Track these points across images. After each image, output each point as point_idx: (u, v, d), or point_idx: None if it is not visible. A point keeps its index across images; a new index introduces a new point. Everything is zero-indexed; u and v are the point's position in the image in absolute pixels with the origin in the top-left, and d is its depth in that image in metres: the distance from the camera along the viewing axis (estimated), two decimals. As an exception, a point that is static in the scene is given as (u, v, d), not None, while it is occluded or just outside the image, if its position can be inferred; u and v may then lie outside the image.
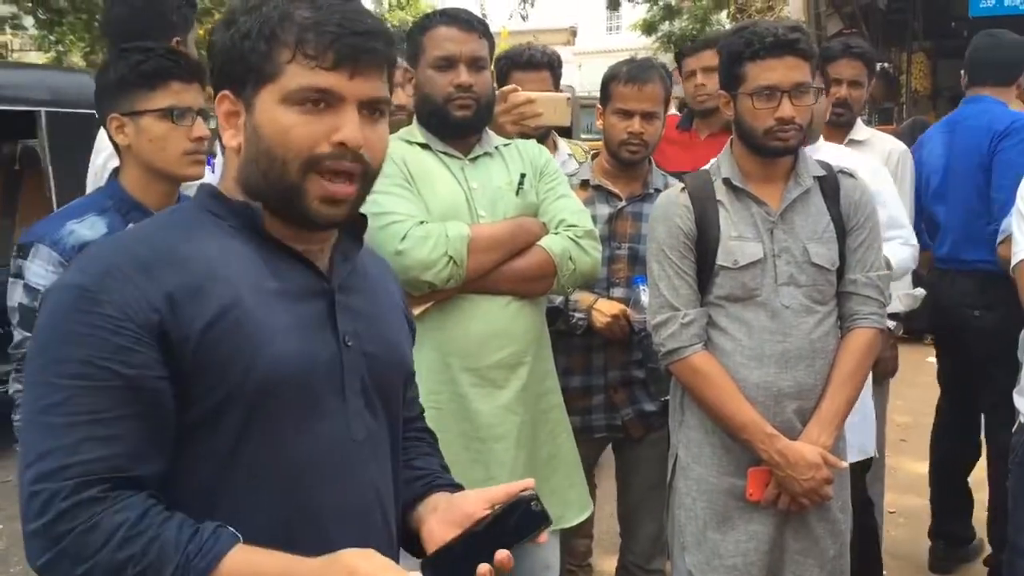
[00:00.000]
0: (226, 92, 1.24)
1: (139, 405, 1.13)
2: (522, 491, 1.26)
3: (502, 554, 1.21)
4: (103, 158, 2.63)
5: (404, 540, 1.40)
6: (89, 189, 2.59)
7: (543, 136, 3.14)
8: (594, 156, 3.07)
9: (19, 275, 2.07)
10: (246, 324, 1.18)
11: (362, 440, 1.30)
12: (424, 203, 2.31)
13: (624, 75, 2.76)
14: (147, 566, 1.08)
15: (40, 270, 2.04)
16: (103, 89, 2.14)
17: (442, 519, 1.33)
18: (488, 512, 1.26)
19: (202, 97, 2.12)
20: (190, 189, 1.99)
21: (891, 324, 3.08)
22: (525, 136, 2.62)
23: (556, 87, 3.35)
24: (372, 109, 1.24)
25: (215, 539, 1.11)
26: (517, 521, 1.25)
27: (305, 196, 1.21)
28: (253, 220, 1.25)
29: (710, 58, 3.63)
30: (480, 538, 1.23)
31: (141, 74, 2.07)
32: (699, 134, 3.63)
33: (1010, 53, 3.66)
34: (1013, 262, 2.52)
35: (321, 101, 1.20)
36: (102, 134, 2.57)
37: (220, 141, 1.31)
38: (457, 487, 1.44)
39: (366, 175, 1.25)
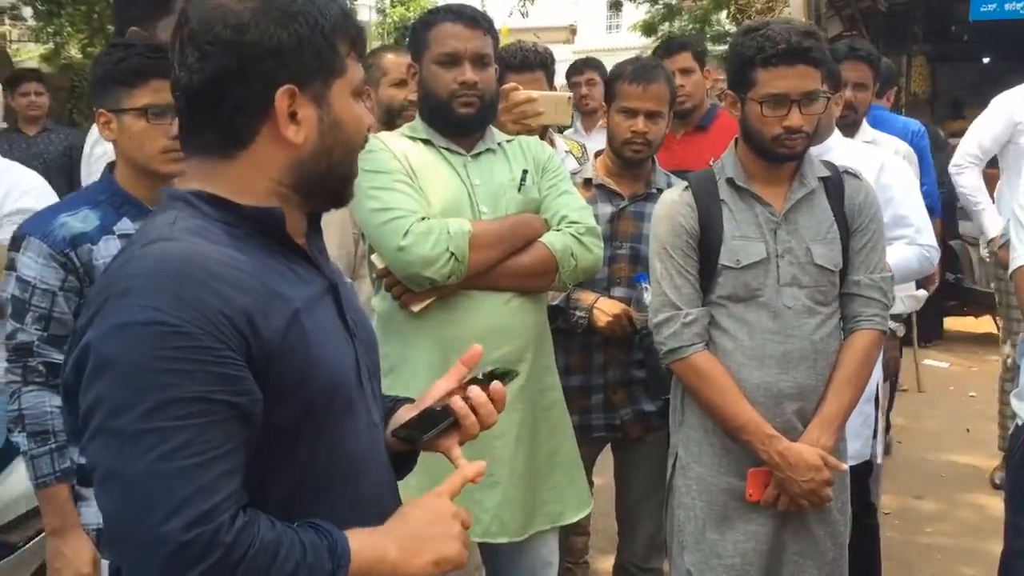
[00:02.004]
0: (290, 87, 1.19)
1: (247, 432, 1.12)
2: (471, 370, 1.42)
3: (496, 386, 1.37)
4: (89, 146, 2.62)
5: None
6: (83, 179, 2.60)
7: (540, 133, 3.14)
8: (597, 155, 3.07)
9: (12, 267, 2.08)
10: (305, 334, 1.19)
11: (379, 424, 1.36)
12: (426, 199, 2.30)
13: (629, 74, 2.76)
14: (310, 566, 1.12)
15: (31, 262, 2.04)
16: (93, 84, 2.17)
17: (410, 409, 1.43)
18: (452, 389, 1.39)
19: None
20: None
21: (893, 325, 3.08)
22: (527, 133, 2.62)
23: (550, 85, 3.35)
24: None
25: (338, 532, 1.17)
26: (484, 383, 1.38)
27: (352, 177, 1.30)
28: (276, 226, 1.23)
29: (685, 59, 3.64)
30: (446, 409, 1.36)
31: (121, 71, 2.08)
32: (675, 133, 3.63)
33: (888, 72, 4.75)
34: (1011, 268, 2.54)
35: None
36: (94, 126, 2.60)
37: (200, 144, 1.26)
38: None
39: None
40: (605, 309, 2.68)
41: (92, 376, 1.10)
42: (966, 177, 4.75)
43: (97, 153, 2.56)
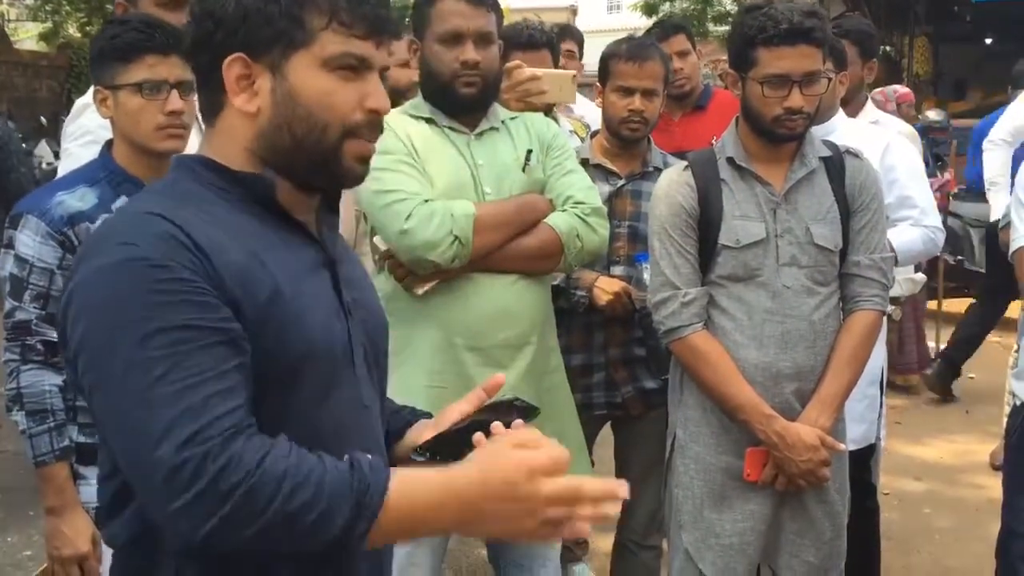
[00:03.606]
0: (239, 55, 1.21)
1: (239, 358, 1.12)
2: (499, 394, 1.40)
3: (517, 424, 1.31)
4: (66, 123, 2.61)
5: None
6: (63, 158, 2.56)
7: (545, 112, 3.12)
8: (593, 135, 3.06)
9: (10, 245, 2.08)
10: (286, 301, 1.19)
11: (369, 405, 1.34)
12: (429, 179, 2.29)
13: (624, 53, 2.76)
14: (322, 511, 1.05)
15: (28, 240, 2.04)
16: (91, 61, 2.16)
17: (428, 428, 1.40)
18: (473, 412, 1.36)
19: (183, 68, 2.10)
20: None
21: (889, 308, 3.07)
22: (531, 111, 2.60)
23: (556, 65, 3.33)
24: (381, 77, 1.28)
25: (376, 472, 1.09)
26: (505, 413, 1.35)
27: (342, 157, 1.24)
28: (265, 192, 1.25)
29: (681, 42, 3.63)
30: (472, 427, 1.32)
31: (115, 47, 2.08)
32: (672, 116, 3.60)
33: None
34: (1012, 248, 2.53)
35: (356, 68, 1.23)
36: (78, 103, 2.59)
37: (199, 111, 1.30)
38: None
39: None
40: (605, 288, 2.68)
41: (75, 320, 1.13)
42: (992, 156, 4.72)
43: (70, 131, 2.55)
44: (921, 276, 3.42)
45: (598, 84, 2.86)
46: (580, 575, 3.55)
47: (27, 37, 15.59)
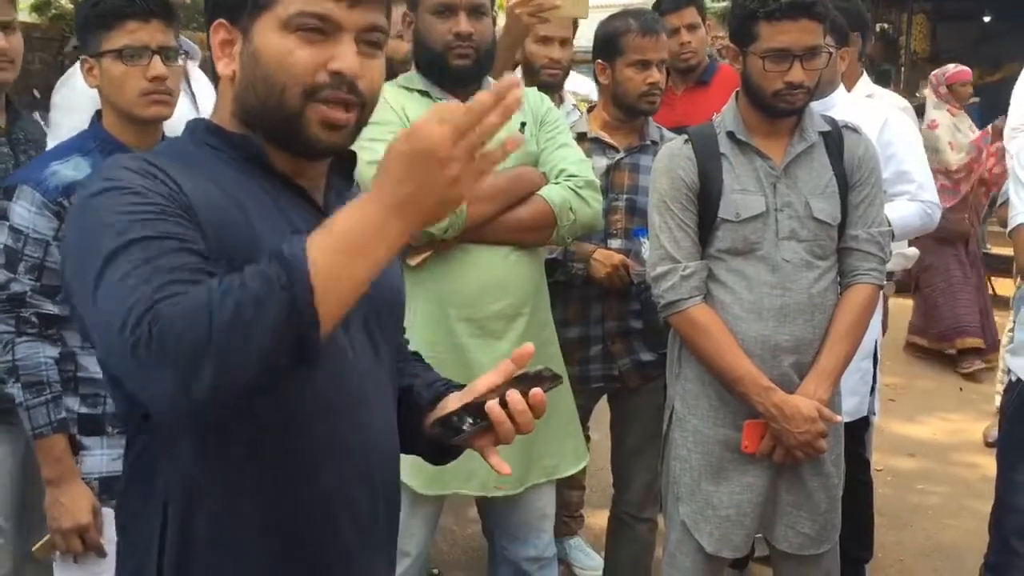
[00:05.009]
0: (221, 21, 1.24)
1: (207, 267, 1.09)
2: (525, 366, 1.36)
3: (536, 392, 1.29)
4: (60, 96, 2.61)
5: (423, 446, 1.45)
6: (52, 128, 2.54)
7: (554, 89, 3.11)
8: (590, 110, 3.05)
9: (4, 216, 2.06)
10: (259, 250, 1.16)
11: (368, 372, 1.32)
12: (424, 152, 2.28)
13: (639, 28, 2.75)
14: (256, 298, 1.02)
15: (23, 211, 2.03)
16: (76, 31, 2.17)
17: (455, 400, 1.39)
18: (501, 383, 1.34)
19: (165, 34, 2.09)
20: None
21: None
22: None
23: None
24: (370, 41, 1.24)
25: (291, 242, 1.07)
26: (533, 383, 1.33)
27: (306, 121, 1.21)
28: (256, 152, 1.25)
29: (692, 15, 3.59)
30: (495, 396, 1.31)
31: (97, 15, 2.07)
32: (675, 90, 3.59)
33: None
34: (1010, 226, 2.53)
35: (319, 29, 1.20)
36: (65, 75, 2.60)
37: (214, 72, 1.30)
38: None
39: (363, 106, 1.25)
40: (603, 260, 2.69)
41: (65, 252, 1.17)
42: (1015, 144, 4.68)
43: (55, 100, 2.55)
44: (914, 251, 3.42)
45: (600, 61, 2.83)
46: (575, 548, 3.57)
47: (20, 9, 15.43)
